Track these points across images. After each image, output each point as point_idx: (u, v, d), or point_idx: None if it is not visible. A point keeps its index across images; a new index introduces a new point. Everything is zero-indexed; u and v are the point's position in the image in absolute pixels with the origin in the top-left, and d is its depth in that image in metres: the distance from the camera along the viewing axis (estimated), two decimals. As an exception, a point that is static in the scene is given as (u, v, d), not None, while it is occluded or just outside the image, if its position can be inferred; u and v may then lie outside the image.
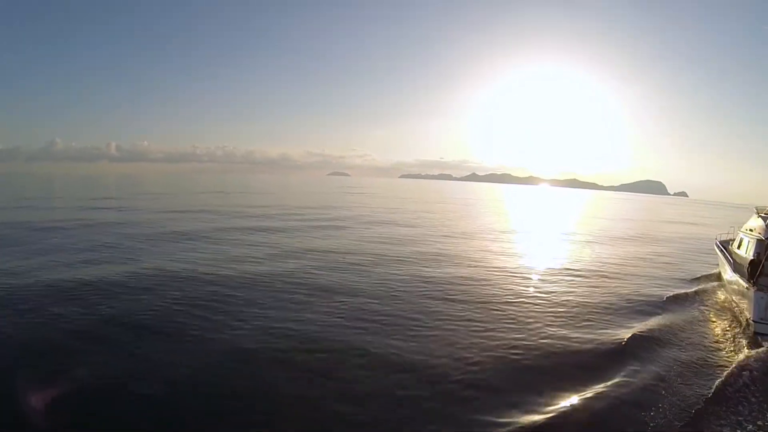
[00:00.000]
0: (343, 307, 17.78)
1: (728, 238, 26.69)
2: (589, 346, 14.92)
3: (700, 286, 23.67)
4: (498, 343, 14.81)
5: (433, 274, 23.68)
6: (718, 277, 24.71)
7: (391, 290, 20.49)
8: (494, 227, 53.76)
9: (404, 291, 20.40)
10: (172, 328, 15.15)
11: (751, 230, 21.15)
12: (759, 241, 19.44)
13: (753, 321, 15.87)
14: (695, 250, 40.25)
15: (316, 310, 17.31)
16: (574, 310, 18.82)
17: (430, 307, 18.33)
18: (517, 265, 27.95)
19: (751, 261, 18.02)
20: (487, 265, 27.64)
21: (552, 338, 15.43)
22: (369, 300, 19.01)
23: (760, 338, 15.46)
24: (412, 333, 15.30)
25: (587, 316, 17.98)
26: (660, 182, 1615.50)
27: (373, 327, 15.88)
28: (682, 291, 22.58)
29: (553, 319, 17.50)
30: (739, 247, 22.09)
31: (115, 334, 14.56)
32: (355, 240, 35.96)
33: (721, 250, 23.70)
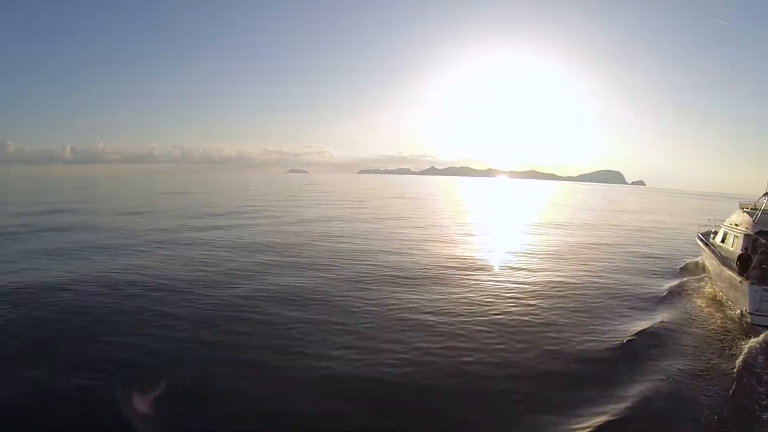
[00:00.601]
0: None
1: (706, 231, 27.59)
2: (586, 352, 14.66)
3: (686, 278, 24.16)
4: (491, 351, 14.53)
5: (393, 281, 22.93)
6: (703, 268, 25.36)
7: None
8: (453, 222, 54.29)
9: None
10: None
11: (736, 225, 21.82)
12: (746, 236, 20.17)
13: (750, 313, 16.60)
14: (668, 240, 41.48)
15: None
16: (560, 314, 18.32)
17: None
18: (485, 265, 27.52)
19: (741, 255, 18.84)
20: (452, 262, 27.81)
21: (546, 346, 14.97)
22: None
23: (758, 329, 16.12)
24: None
25: (576, 320, 17.72)
26: (618, 172, 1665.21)
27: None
28: (671, 284, 23.05)
29: (540, 326, 16.87)
30: (723, 240, 22.81)
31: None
32: (325, 238, 35.40)
33: (705, 243, 24.43)
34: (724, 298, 19.86)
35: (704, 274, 24.23)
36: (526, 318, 17.49)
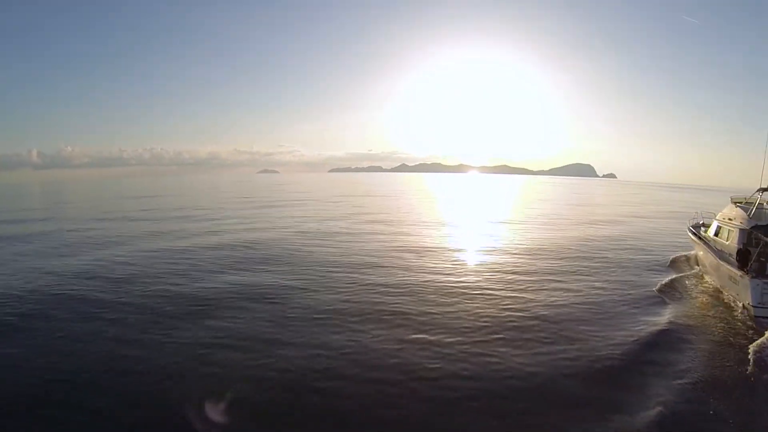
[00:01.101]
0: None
1: (696, 223, 27.98)
2: (594, 353, 14.10)
3: (680, 273, 24.20)
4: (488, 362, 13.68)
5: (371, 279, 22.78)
6: (695, 262, 25.69)
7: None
8: (426, 219, 53.33)
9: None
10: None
11: (730, 219, 22.06)
12: (742, 231, 20.53)
13: (752, 306, 17.06)
14: (650, 232, 41.80)
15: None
16: (558, 317, 17.60)
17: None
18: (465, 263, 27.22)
19: (740, 250, 19.31)
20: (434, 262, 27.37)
21: (545, 354, 14.14)
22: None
23: (761, 321, 16.60)
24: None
25: (577, 318, 17.29)
26: (589, 165, 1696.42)
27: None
28: (666, 279, 22.99)
29: (536, 332, 16.00)
30: (717, 234, 23.09)
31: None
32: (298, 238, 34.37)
33: (699, 237, 24.70)
34: (724, 291, 20.10)
35: (698, 268, 24.44)
36: (521, 324, 16.67)
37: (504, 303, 18.94)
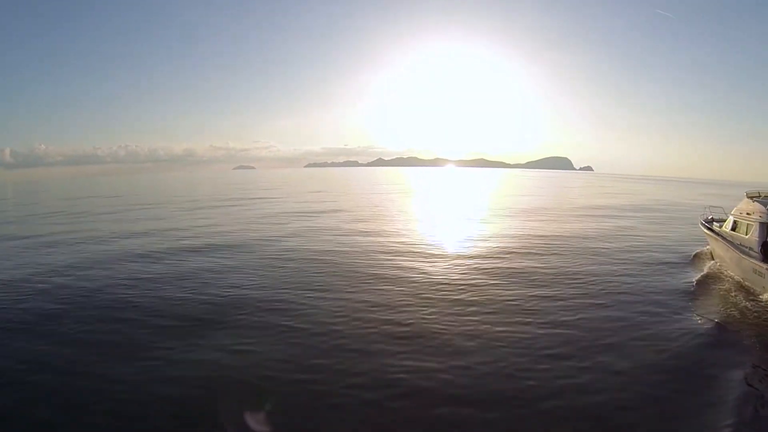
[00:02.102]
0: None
1: (705, 219, 27.59)
2: (642, 358, 12.95)
3: (703, 268, 23.57)
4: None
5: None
6: (711, 256, 25.22)
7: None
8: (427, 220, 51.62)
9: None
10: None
11: (748, 214, 22.14)
12: (762, 225, 20.69)
13: None
14: (656, 226, 40.92)
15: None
16: (593, 316, 16.37)
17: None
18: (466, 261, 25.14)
19: (765, 243, 19.83)
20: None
21: (588, 367, 12.51)
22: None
23: None
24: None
25: (615, 324, 15.58)
26: (566, 158, 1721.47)
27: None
28: (697, 275, 22.20)
29: (574, 340, 14.32)
30: (734, 229, 22.86)
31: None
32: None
33: (715, 232, 24.45)
34: (749, 285, 19.87)
35: (716, 262, 23.96)
36: (561, 328, 15.20)
37: (528, 311, 16.90)
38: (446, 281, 20.60)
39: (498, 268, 23.18)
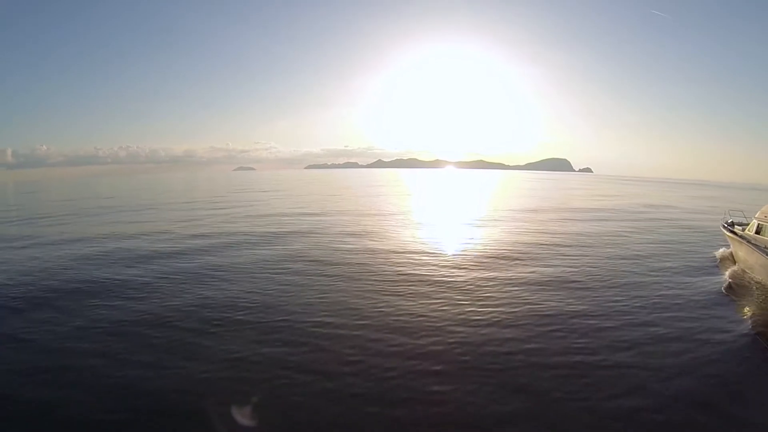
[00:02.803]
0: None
1: (726, 222, 28.30)
2: (688, 376, 12.62)
3: (729, 271, 24.11)
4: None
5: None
6: (733, 259, 26.07)
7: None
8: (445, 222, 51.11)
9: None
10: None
11: None
12: None
13: None
14: (655, 227, 42.20)
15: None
16: (631, 321, 16.43)
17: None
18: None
19: None
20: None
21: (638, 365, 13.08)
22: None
23: None
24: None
25: (653, 335, 15.37)
26: (565, 159, 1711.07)
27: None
28: (724, 278, 22.81)
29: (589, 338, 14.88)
30: (758, 232, 23.48)
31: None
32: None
33: (738, 235, 25.02)
34: None
35: (739, 265, 24.72)
36: (598, 334, 15.35)
37: (549, 317, 16.90)
38: (460, 285, 20.74)
39: (507, 272, 23.35)
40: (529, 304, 18.33)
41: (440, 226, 43.10)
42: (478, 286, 20.84)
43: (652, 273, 23.99)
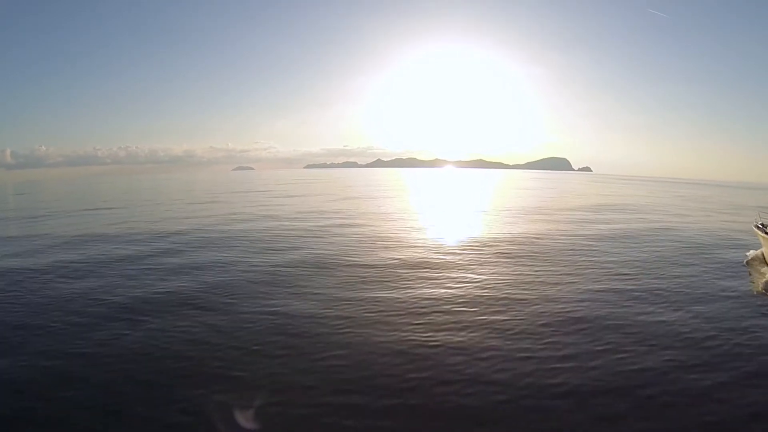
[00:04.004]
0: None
1: (757, 222, 27.15)
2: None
3: (762, 273, 23.13)
4: None
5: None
6: (764, 260, 24.80)
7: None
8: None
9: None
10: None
11: None
12: None
13: None
14: (683, 228, 40.35)
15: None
16: (672, 330, 14.20)
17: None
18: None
19: None
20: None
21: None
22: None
23: None
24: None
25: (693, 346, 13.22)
26: (565, 159, 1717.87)
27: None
28: (759, 281, 20.89)
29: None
30: None
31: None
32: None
33: None
34: None
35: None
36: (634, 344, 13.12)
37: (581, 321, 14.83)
38: (476, 286, 18.78)
39: (526, 270, 21.75)
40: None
41: (447, 224, 41.96)
42: (507, 289, 19.25)
43: (678, 273, 21.75)
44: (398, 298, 17.71)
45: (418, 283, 19.43)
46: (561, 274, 21.05)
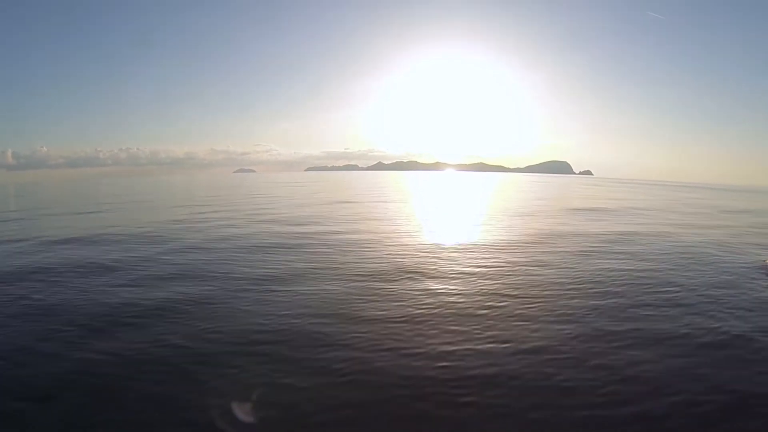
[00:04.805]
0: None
1: None
2: None
3: None
4: None
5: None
6: None
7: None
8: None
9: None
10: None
11: None
12: None
13: None
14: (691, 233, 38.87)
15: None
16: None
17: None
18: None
19: None
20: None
21: None
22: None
23: None
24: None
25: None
26: (565, 162, 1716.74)
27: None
28: None
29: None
30: None
31: None
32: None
33: None
34: None
35: None
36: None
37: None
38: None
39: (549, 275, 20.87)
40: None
41: (452, 229, 40.55)
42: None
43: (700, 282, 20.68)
44: (400, 299, 16.67)
45: (420, 285, 18.41)
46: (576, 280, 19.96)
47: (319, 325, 11.86)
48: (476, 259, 22.80)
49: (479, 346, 11.00)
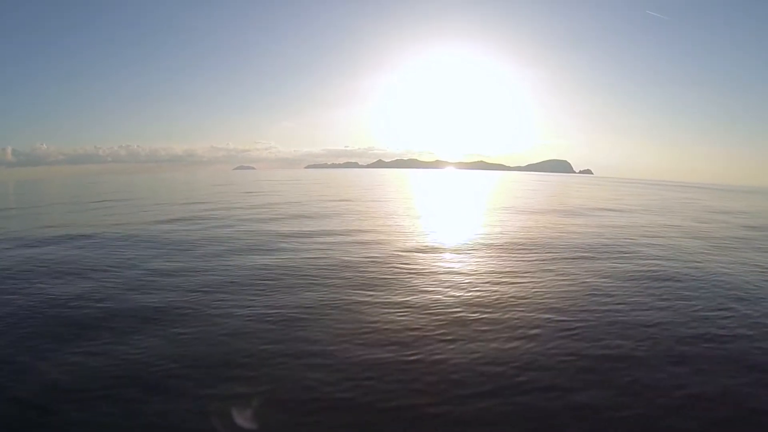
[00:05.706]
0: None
1: None
2: None
3: None
4: None
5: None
6: None
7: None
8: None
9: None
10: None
11: None
12: None
13: None
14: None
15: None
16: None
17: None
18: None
19: None
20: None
21: None
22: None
23: None
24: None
25: None
26: (566, 161, 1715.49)
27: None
28: None
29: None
30: None
31: None
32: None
33: None
34: None
35: None
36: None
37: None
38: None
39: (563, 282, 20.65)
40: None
41: (454, 228, 40.41)
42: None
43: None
44: (402, 300, 16.42)
45: (422, 286, 18.16)
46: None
47: (301, 329, 11.71)
48: (477, 259, 22.58)
49: (479, 350, 10.84)
